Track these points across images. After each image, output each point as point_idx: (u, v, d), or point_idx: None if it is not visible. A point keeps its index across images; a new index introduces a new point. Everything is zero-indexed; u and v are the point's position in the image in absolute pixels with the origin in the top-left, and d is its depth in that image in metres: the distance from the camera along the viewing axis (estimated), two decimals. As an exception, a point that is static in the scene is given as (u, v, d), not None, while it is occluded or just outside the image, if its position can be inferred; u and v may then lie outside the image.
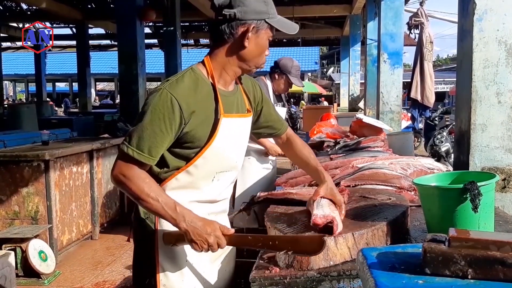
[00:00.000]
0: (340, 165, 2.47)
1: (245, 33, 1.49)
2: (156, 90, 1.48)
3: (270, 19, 1.53)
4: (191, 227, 1.42)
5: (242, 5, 1.48)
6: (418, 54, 6.63)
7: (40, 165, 3.93)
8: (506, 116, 2.22)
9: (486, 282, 0.85)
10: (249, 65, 1.57)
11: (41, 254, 3.66)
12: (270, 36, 1.56)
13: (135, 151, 1.44)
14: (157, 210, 1.44)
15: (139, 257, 1.64)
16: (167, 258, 1.56)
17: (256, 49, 1.54)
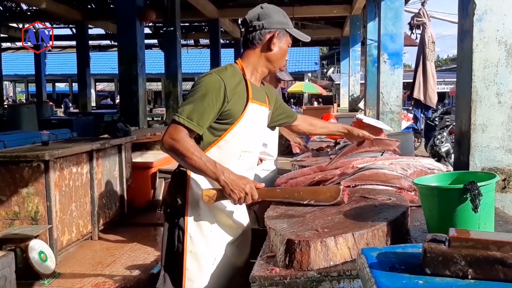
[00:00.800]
0: (340, 165, 2.47)
1: (272, 38, 1.88)
2: (207, 74, 1.83)
3: (289, 29, 1.92)
4: (229, 180, 1.69)
5: (268, 18, 1.88)
6: (421, 54, 6.62)
7: (40, 165, 3.92)
8: (506, 117, 2.23)
9: (487, 282, 0.85)
10: (274, 65, 1.95)
11: (41, 254, 3.65)
12: (289, 43, 1.94)
13: (185, 120, 1.73)
14: (200, 166, 1.69)
15: (171, 227, 1.88)
16: (196, 226, 1.83)
17: (280, 52, 1.92)
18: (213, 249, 1.86)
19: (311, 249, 1.35)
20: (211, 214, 1.87)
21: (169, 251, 1.88)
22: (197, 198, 1.83)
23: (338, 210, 1.70)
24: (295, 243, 1.37)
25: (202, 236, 1.84)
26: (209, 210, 1.86)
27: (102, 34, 17.54)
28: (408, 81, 7.41)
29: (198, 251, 1.82)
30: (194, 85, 1.82)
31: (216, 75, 1.80)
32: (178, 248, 1.85)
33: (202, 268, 1.83)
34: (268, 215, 1.71)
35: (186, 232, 1.82)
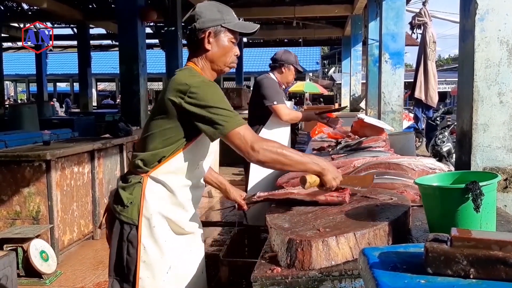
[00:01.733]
0: (341, 165, 2.47)
1: (204, 38, 1.81)
2: (195, 77, 1.75)
3: (226, 24, 1.83)
4: (331, 168, 1.73)
5: (200, 18, 1.81)
6: (422, 54, 6.61)
7: (42, 165, 3.93)
8: (508, 116, 2.22)
9: (488, 282, 0.85)
10: (218, 65, 1.87)
11: (43, 254, 3.66)
12: (231, 38, 1.86)
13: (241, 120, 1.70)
14: (301, 161, 1.70)
15: (120, 239, 1.79)
16: (149, 237, 1.76)
17: (219, 50, 1.84)
18: (168, 258, 1.81)
19: (312, 249, 1.35)
20: (165, 224, 1.81)
21: (117, 263, 1.81)
22: (151, 209, 1.76)
23: (340, 210, 1.70)
24: (297, 243, 1.37)
25: (157, 246, 1.78)
26: (163, 220, 1.80)
27: (103, 34, 17.55)
28: (409, 81, 7.40)
29: (152, 261, 1.77)
30: (198, 94, 1.70)
31: (206, 79, 1.78)
32: (127, 261, 1.78)
33: (155, 277, 1.78)
34: (269, 215, 1.71)
35: (139, 243, 1.75)
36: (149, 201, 1.76)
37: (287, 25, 15.40)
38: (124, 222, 1.78)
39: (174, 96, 1.72)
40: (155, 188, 1.79)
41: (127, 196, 1.78)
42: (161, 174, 1.78)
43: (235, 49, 1.90)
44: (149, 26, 14.37)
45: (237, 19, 1.89)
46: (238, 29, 1.85)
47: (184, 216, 1.87)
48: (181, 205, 1.84)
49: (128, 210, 1.78)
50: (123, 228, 1.79)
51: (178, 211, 1.84)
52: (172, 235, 1.83)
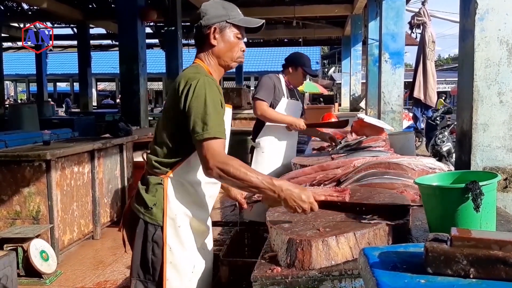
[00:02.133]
0: (341, 164, 2.47)
1: (210, 34, 1.84)
2: (195, 77, 1.73)
3: (230, 19, 1.85)
4: (288, 196, 1.60)
5: (206, 15, 1.85)
6: (421, 54, 6.61)
7: (42, 165, 3.93)
8: (507, 116, 2.22)
9: (488, 282, 0.85)
10: (224, 60, 1.89)
11: (43, 254, 3.66)
12: (237, 34, 1.87)
13: (218, 132, 1.68)
14: (257, 185, 1.63)
15: (144, 240, 1.81)
16: (175, 238, 1.79)
17: (225, 45, 1.86)
18: (192, 257, 1.85)
19: (312, 249, 1.35)
20: (188, 224, 1.84)
21: (143, 264, 1.82)
22: (175, 209, 1.79)
23: (340, 210, 1.70)
24: (297, 243, 1.38)
25: (182, 246, 1.81)
26: (187, 219, 1.83)
27: (103, 33, 17.54)
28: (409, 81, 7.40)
29: (178, 261, 1.80)
30: (192, 94, 1.71)
31: (211, 79, 1.76)
32: (152, 262, 1.80)
33: (182, 277, 1.81)
34: (269, 215, 1.71)
35: (165, 244, 1.77)
36: (172, 202, 1.79)
37: (287, 25, 15.39)
38: (148, 223, 1.80)
39: (179, 93, 1.74)
40: (176, 188, 1.81)
41: (150, 198, 1.80)
42: (182, 174, 1.80)
43: (241, 45, 1.91)
44: (149, 26, 14.36)
45: (241, 15, 1.91)
46: (243, 24, 1.87)
47: (204, 213, 1.93)
48: (202, 202, 1.89)
49: (152, 212, 1.80)
50: (147, 229, 1.80)
51: (199, 208, 1.88)
52: (192, 233, 1.87)
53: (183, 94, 1.73)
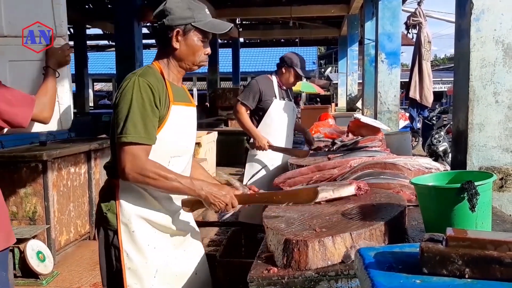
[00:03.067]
0: (338, 165, 2.48)
1: (172, 36, 1.75)
2: (130, 79, 1.69)
3: (196, 23, 1.75)
4: (209, 193, 1.68)
5: (170, 14, 1.74)
6: (417, 54, 6.63)
7: (38, 165, 3.92)
8: (503, 116, 2.23)
9: (484, 282, 0.85)
10: (186, 63, 1.82)
11: (39, 254, 3.65)
12: (201, 38, 1.78)
13: (138, 137, 1.62)
14: (178, 188, 1.67)
15: (106, 247, 1.79)
16: (131, 243, 1.74)
17: (188, 49, 1.78)
18: (153, 262, 1.77)
19: (309, 249, 1.35)
20: (147, 228, 1.77)
21: (109, 272, 1.80)
22: (127, 213, 1.74)
23: (336, 210, 1.70)
24: (293, 243, 1.38)
25: (138, 251, 1.74)
26: (144, 223, 1.77)
27: (100, 34, 17.50)
28: (406, 80, 7.42)
29: (136, 267, 1.74)
30: (120, 95, 1.69)
31: (143, 80, 1.68)
32: (117, 268, 1.76)
33: (143, 283, 1.75)
34: (266, 215, 1.71)
35: (121, 249, 1.73)
36: (124, 205, 1.74)
37: (283, 25, 15.41)
38: (107, 228, 1.78)
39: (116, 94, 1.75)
40: (127, 193, 1.75)
41: (105, 204, 1.78)
42: None
43: (206, 49, 1.82)
44: (145, 26, 14.34)
45: (209, 16, 1.81)
46: (208, 29, 1.77)
47: (165, 215, 1.82)
48: (159, 204, 1.79)
49: (107, 217, 1.76)
50: (107, 234, 1.78)
51: (157, 211, 1.80)
52: (156, 236, 1.79)
53: (116, 95, 1.73)
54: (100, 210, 1.80)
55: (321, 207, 1.76)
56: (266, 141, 3.47)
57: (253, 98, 3.55)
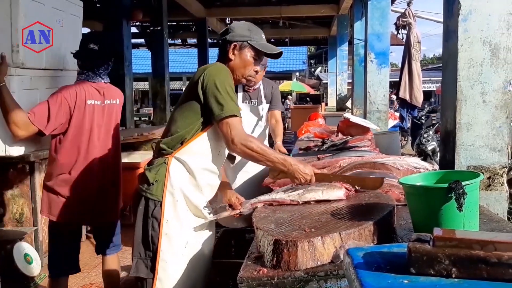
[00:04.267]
0: (327, 164, 2.48)
1: (230, 49, 2.09)
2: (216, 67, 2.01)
3: (251, 42, 2.09)
4: (295, 168, 1.95)
5: (232, 32, 2.11)
6: (406, 54, 6.68)
7: (25, 167, 3.87)
8: (490, 115, 2.25)
9: (470, 281, 0.86)
10: (237, 74, 2.11)
11: (26, 257, 3.61)
12: (254, 55, 2.10)
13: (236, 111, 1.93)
14: (273, 161, 1.94)
15: (145, 217, 1.98)
16: (173, 211, 1.95)
17: (240, 62, 2.10)
18: (186, 233, 1.99)
19: (298, 249, 1.35)
20: (185, 201, 2.00)
21: (144, 240, 1.98)
22: (175, 185, 1.96)
23: (326, 210, 1.70)
24: (283, 243, 1.37)
25: (178, 220, 1.96)
26: (184, 198, 1.99)
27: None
28: (395, 80, 7.47)
29: (172, 233, 1.94)
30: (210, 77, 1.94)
31: (226, 67, 2.03)
32: (152, 237, 1.95)
33: (174, 250, 1.95)
34: (256, 216, 1.71)
35: (163, 216, 1.94)
36: (173, 177, 1.96)
37: (273, 24, 15.39)
38: (149, 199, 1.98)
39: (196, 80, 1.97)
40: (178, 167, 1.98)
41: (153, 175, 1.98)
42: (184, 155, 1.98)
43: (256, 66, 2.14)
44: (134, 25, 14.25)
45: (264, 40, 2.17)
46: (260, 48, 2.10)
47: (200, 198, 2.05)
48: (200, 188, 2.03)
49: (153, 188, 1.97)
50: (148, 205, 1.98)
51: (197, 193, 2.03)
52: (190, 214, 2.02)
53: (200, 81, 1.95)
54: (145, 181, 1.99)
55: (311, 207, 1.77)
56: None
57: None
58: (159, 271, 1.93)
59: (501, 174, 2.28)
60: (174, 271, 1.96)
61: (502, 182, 2.29)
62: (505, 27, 2.21)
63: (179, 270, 1.98)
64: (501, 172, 2.28)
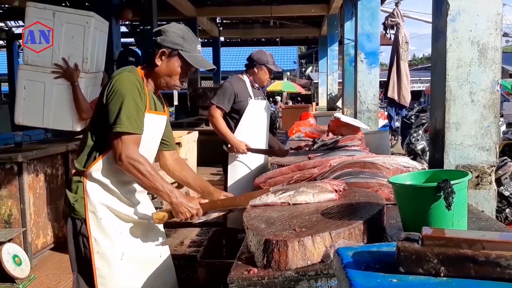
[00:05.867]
0: (318, 164, 2.48)
1: (158, 54, 1.94)
2: (120, 75, 1.86)
3: (182, 52, 1.94)
4: (179, 202, 1.89)
5: (164, 35, 1.95)
6: (394, 54, 6.70)
7: (13, 167, 3.83)
8: (479, 115, 2.27)
9: (458, 280, 0.86)
10: (160, 81, 1.99)
11: (15, 258, 3.57)
12: (181, 66, 1.96)
13: (131, 127, 1.80)
14: (157, 189, 1.85)
15: (75, 235, 1.94)
16: (98, 229, 1.90)
17: (166, 70, 1.96)
18: (120, 245, 1.94)
19: (288, 249, 1.36)
20: (112, 215, 1.95)
21: (78, 258, 1.95)
22: (94, 202, 1.90)
23: (316, 209, 1.70)
24: (273, 243, 1.37)
25: (106, 236, 1.91)
26: (109, 212, 1.94)
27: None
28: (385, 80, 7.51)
29: (104, 250, 1.90)
30: (111, 88, 1.85)
31: (133, 76, 1.88)
32: (85, 254, 1.92)
33: (110, 265, 1.91)
34: (246, 216, 1.71)
35: (90, 235, 1.89)
36: (91, 196, 1.90)
37: (264, 24, 15.41)
38: (75, 218, 1.93)
39: (104, 89, 1.89)
40: (94, 184, 1.92)
41: (73, 196, 1.93)
42: (95, 172, 1.91)
43: (183, 77, 2.01)
44: (124, 24, 14.17)
45: (197, 52, 2.00)
46: (190, 61, 1.96)
47: (129, 207, 2.00)
48: (122, 198, 1.97)
49: (75, 207, 1.92)
50: (75, 224, 1.93)
51: (121, 204, 1.97)
52: (121, 223, 1.97)
53: (106, 89, 1.87)
54: (67, 201, 1.94)
55: (301, 207, 1.77)
56: (243, 146, 3.45)
57: (228, 100, 3.52)
58: (98, 287, 1.91)
59: (490, 173, 2.31)
60: (114, 284, 1.93)
61: (490, 181, 2.32)
62: (493, 27, 2.23)
63: (120, 281, 1.94)
64: (490, 171, 2.31)
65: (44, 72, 3.59)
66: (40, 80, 3.61)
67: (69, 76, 3.53)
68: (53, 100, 3.61)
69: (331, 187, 1.88)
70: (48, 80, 3.59)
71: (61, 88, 3.61)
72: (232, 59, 28.02)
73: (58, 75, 3.54)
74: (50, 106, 3.62)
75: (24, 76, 3.64)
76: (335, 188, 1.87)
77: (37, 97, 3.62)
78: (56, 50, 3.58)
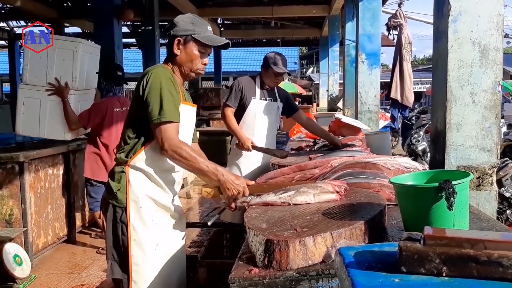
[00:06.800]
0: (319, 164, 2.48)
1: (175, 44, 2.07)
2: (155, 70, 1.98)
3: (195, 35, 2.06)
4: (226, 179, 1.94)
5: (176, 27, 2.08)
6: (397, 55, 6.71)
7: (14, 167, 3.84)
8: (480, 116, 2.27)
9: (460, 280, 0.86)
10: (184, 69, 2.11)
11: (16, 258, 3.57)
12: (199, 49, 2.08)
13: (172, 116, 1.92)
14: (203, 170, 1.94)
15: (114, 223, 2.05)
16: (138, 217, 2.01)
17: (186, 56, 2.08)
18: (155, 235, 2.05)
19: (290, 249, 1.35)
20: (151, 206, 2.06)
21: (115, 245, 2.05)
22: (136, 192, 2.02)
23: (317, 209, 1.70)
24: (274, 243, 1.37)
25: (144, 225, 2.02)
26: (149, 201, 2.06)
27: (78, 32, 17.21)
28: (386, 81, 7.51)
29: (141, 239, 2.01)
30: (148, 83, 1.96)
31: (166, 70, 2.02)
32: (123, 241, 2.02)
33: (145, 253, 2.02)
34: (247, 216, 1.71)
35: (129, 223, 2.00)
36: (133, 185, 2.02)
37: (265, 25, 15.41)
38: (116, 206, 2.04)
39: (139, 84, 1.99)
40: (136, 174, 2.03)
41: (115, 185, 2.04)
42: (139, 162, 2.02)
43: (203, 59, 2.12)
44: (125, 25, 14.18)
45: (210, 32, 2.11)
46: (205, 41, 2.06)
47: (166, 197, 2.11)
48: (163, 187, 2.09)
49: (117, 196, 2.03)
50: (115, 212, 2.04)
51: (162, 193, 2.09)
52: (159, 214, 2.09)
53: (142, 84, 1.97)
54: (110, 189, 2.06)
55: (302, 207, 1.77)
56: (250, 142, 3.48)
57: (235, 97, 3.62)
58: (132, 274, 2.01)
59: (491, 174, 2.31)
60: (147, 272, 2.03)
61: (491, 182, 2.31)
62: (495, 28, 2.23)
63: (152, 270, 2.05)
64: (491, 172, 2.31)
65: (39, 90, 4.14)
66: (36, 97, 4.17)
67: (60, 93, 4.08)
68: (47, 114, 4.17)
69: (332, 187, 1.88)
70: (43, 97, 4.13)
71: (54, 104, 4.14)
72: (233, 60, 28.04)
73: (51, 92, 4.11)
74: (45, 119, 4.18)
75: (23, 94, 4.21)
76: (336, 189, 1.87)
77: (34, 112, 4.19)
78: (49, 71, 4.15)
